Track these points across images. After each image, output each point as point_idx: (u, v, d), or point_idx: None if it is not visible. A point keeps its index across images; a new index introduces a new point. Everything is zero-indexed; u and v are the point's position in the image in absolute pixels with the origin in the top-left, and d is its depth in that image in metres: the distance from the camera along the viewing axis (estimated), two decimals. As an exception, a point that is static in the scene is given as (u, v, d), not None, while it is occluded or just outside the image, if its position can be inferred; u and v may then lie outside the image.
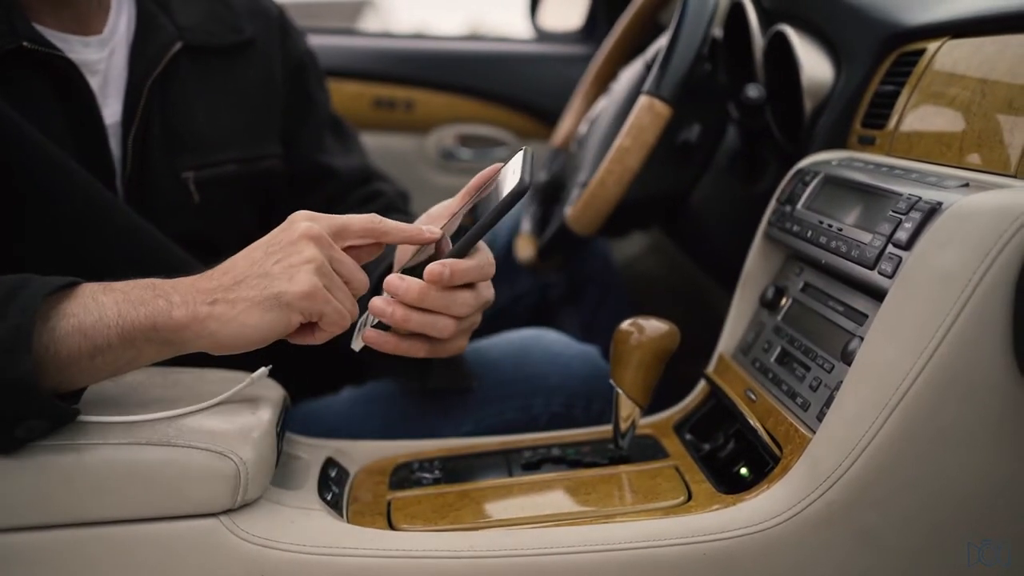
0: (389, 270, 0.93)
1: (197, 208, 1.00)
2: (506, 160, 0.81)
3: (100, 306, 0.69)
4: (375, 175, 1.21)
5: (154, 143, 0.96)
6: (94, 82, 0.92)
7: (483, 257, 0.80)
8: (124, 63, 0.96)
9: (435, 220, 0.87)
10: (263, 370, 0.80)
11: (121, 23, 0.97)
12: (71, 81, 0.89)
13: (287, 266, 0.71)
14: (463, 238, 0.77)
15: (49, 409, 0.68)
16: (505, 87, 1.98)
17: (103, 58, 0.94)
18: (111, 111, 0.94)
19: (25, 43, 0.85)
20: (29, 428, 0.68)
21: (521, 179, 0.74)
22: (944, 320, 0.67)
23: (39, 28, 0.88)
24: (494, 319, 1.07)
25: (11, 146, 0.83)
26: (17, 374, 0.65)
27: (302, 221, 0.73)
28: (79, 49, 0.92)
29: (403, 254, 0.90)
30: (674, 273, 1.88)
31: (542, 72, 2.01)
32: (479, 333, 0.93)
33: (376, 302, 0.78)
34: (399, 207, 1.17)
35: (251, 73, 1.06)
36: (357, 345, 0.82)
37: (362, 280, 0.75)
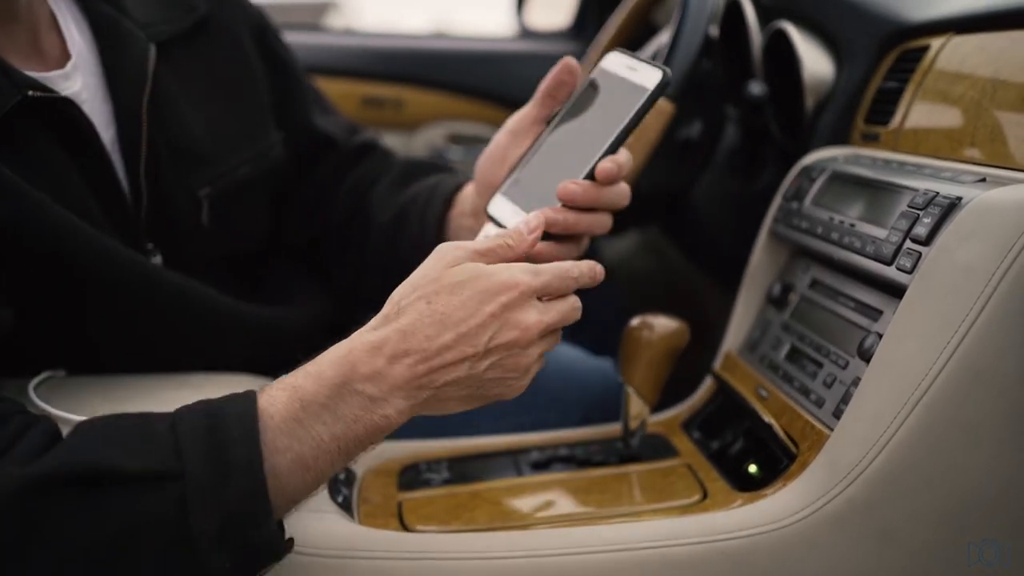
0: (447, 204, 0.98)
1: (216, 221, 0.93)
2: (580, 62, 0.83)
3: (312, 436, 0.63)
4: (354, 125, 1.16)
5: (165, 168, 0.87)
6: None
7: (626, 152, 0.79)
8: (101, 84, 0.84)
9: (518, 135, 0.86)
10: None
11: (78, 38, 0.84)
12: (75, 125, 0.78)
13: (509, 370, 0.68)
14: (614, 135, 0.77)
15: (281, 552, 0.65)
16: (494, 85, 1.96)
17: (84, 86, 0.83)
18: (106, 142, 0.83)
19: (30, 92, 0.74)
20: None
21: (664, 71, 0.75)
22: (967, 315, 0.67)
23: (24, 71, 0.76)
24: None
25: (47, 234, 0.73)
26: (262, 540, 0.62)
27: (531, 308, 0.68)
28: (62, 84, 0.80)
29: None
30: (664, 270, 1.88)
31: (531, 70, 1.99)
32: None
33: (547, 213, 0.75)
34: (425, 166, 1.13)
35: (221, 53, 0.97)
36: None
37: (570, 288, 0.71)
